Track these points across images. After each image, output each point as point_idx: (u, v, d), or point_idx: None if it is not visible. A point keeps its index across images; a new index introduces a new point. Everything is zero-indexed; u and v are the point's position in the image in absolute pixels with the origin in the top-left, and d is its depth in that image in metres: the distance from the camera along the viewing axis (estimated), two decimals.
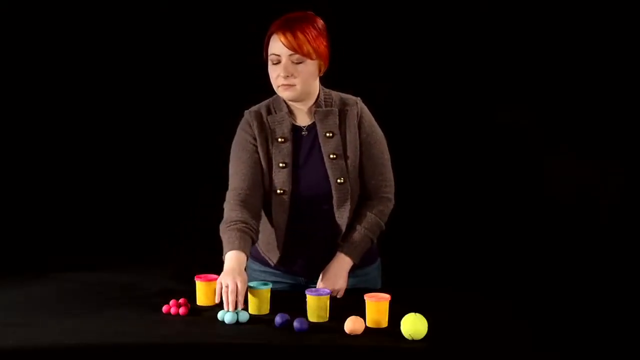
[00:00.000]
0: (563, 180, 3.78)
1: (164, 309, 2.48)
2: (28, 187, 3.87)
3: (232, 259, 2.51)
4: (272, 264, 2.77)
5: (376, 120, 2.79)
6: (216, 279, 2.57)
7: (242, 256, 2.53)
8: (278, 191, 2.67)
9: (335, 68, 2.76)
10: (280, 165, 2.68)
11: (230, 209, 2.64)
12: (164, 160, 3.90)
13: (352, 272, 2.74)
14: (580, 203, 3.76)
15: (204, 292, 2.55)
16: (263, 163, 2.69)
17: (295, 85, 2.62)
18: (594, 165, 3.74)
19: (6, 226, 3.78)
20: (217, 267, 2.74)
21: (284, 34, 2.58)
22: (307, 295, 2.43)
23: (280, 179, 2.67)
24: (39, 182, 3.88)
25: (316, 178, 2.69)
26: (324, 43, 2.64)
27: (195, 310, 2.50)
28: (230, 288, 2.41)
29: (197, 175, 3.89)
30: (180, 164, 3.90)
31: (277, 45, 2.60)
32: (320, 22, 2.65)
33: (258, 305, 2.48)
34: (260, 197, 2.68)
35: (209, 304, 2.55)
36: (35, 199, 3.87)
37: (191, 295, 2.56)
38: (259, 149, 2.69)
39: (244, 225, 2.58)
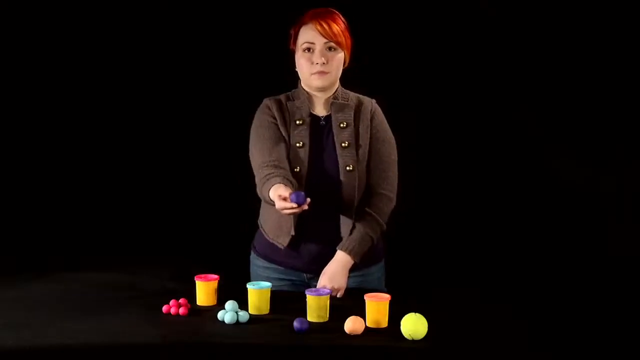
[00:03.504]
0: (563, 182, 3.78)
1: (164, 309, 2.48)
2: (28, 187, 3.87)
3: (278, 188, 2.53)
4: (282, 247, 2.76)
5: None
6: (216, 279, 2.58)
7: (283, 186, 2.54)
8: (295, 169, 2.70)
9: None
10: (298, 145, 2.73)
11: (262, 172, 2.65)
12: (164, 160, 3.90)
13: (356, 271, 2.75)
14: (580, 204, 3.76)
15: (204, 292, 2.55)
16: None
17: (328, 72, 2.71)
18: (595, 169, 3.74)
19: (6, 226, 3.78)
20: (217, 267, 2.74)
21: (320, 23, 2.68)
22: (307, 295, 2.43)
23: (297, 157, 2.72)
24: (39, 182, 3.88)
25: (328, 165, 2.74)
26: (349, 37, 2.75)
27: (195, 310, 2.50)
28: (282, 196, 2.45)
29: (198, 176, 3.89)
30: (180, 164, 3.90)
31: (312, 34, 2.69)
32: (343, 18, 2.76)
33: (258, 305, 2.48)
34: (288, 167, 2.70)
35: (209, 304, 2.55)
36: (35, 199, 3.87)
37: (191, 295, 2.56)
38: (280, 129, 2.75)
39: (282, 173, 2.62)
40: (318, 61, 2.69)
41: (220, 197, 3.88)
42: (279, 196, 2.48)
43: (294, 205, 2.44)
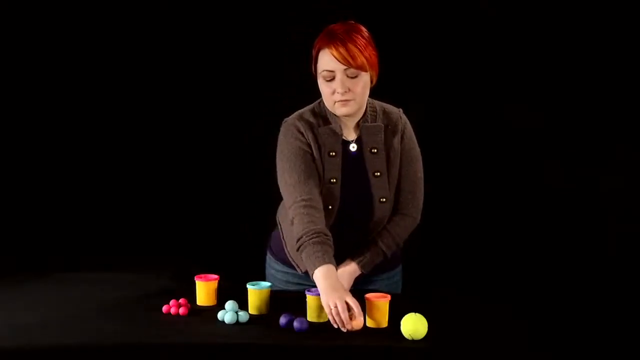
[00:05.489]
0: (563, 182, 3.78)
1: (164, 309, 2.48)
2: (28, 188, 3.87)
3: (327, 275, 2.39)
4: (300, 272, 2.71)
5: None
6: (216, 279, 2.57)
7: (333, 269, 2.42)
8: (329, 207, 2.59)
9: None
10: (332, 181, 2.60)
11: (301, 220, 2.49)
12: (164, 160, 3.90)
13: (378, 276, 2.73)
14: (580, 205, 3.77)
15: (204, 292, 2.55)
16: None
17: (352, 100, 2.52)
18: (594, 169, 3.74)
19: (6, 226, 3.78)
20: (217, 267, 2.74)
21: (336, 48, 2.47)
22: (307, 295, 2.43)
23: (330, 194, 2.60)
24: (39, 182, 3.88)
25: (360, 197, 2.63)
26: (374, 52, 2.55)
27: (195, 310, 2.50)
28: (340, 307, 2.29)
29: (198, 176, 3.89)
30: (180, 164, 3.90)
31: (329, 60, 2.49)
32: (365, 31, 2.55)
33: (258, 305, 2.48)
34: (321, 205, 2.56)
35: (209, 304, 2.55)
36: (35, 198, 3.87)
37: (191, 295, 2.56)
38: (315, 159, 2.60)
39: (323, 235, 2.47)
40: (339, 90, 2.49)
41: (220, 197, 3.88)
42: (335, 307, 2.30)
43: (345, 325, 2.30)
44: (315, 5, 2.71)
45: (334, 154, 2.60)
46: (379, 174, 2.62)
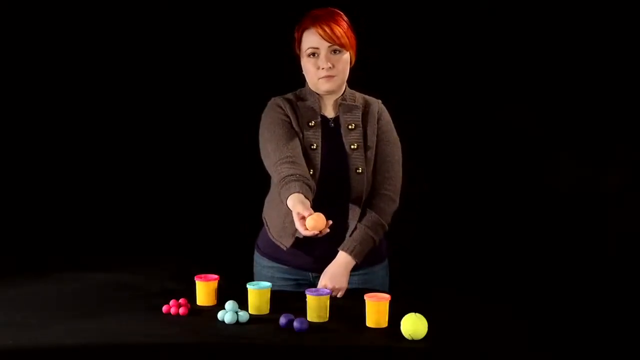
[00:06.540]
0: (563, 182, 3.78)
1: (164, 309, 2.48)
2: (28, 187, 3.87)
3: (299, 199, 2.48)
4: (285, 248, 2.74)
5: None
6: (216, 279, 2.58)
7: (303, 198, 2.49)
8: (310, 171, 2.67)
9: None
10: (312, 147, 2.71)
11: (280, 172, 2.60)
12: (164, 160, 3.90)
13: (359, 270, 2.74)
14: (580, 204, 3.76)
15: (204, 292, 2.55)
16: None
17: (335, 76, 2.69)
18: (595, 169, 3.74)
19: (6, 226, 3.78)
20: (217, 267, 2.74)
21: (321, 27, 2.65)
22: (307, 295, 2.43)
23: (311, 160, 2.70)
24: (39, 182, 3.88)
25: (338, 167, 2.72)
26: (353, 35, 2.73)
27: (195, 310, 2.50)
28: (306, 215, 2.41)
29: (198, 175, 3.89)
30: (180, 164, 3.90)
31: (315, 38, 2.67)
32: (345, 16, 2.72)
33: (258, 305, 2.48)
34: (304, 163, 2.66)
35: (209, 304, 2.55)
36: (35, 198, 3.87)
37: (191, 295, 2.56)
38: (294, 127, 2.72)
39: (305, 179, 2.56)
40: (324, 66, 2.67)
41: (220, 196, 3.88)
42: (298, 214, 2.45)
43: (311, 233, 2.42)
44: (315, 6, 2.73)
45: (312, 123, 2.73)
46: (355, 146, 2.73)
